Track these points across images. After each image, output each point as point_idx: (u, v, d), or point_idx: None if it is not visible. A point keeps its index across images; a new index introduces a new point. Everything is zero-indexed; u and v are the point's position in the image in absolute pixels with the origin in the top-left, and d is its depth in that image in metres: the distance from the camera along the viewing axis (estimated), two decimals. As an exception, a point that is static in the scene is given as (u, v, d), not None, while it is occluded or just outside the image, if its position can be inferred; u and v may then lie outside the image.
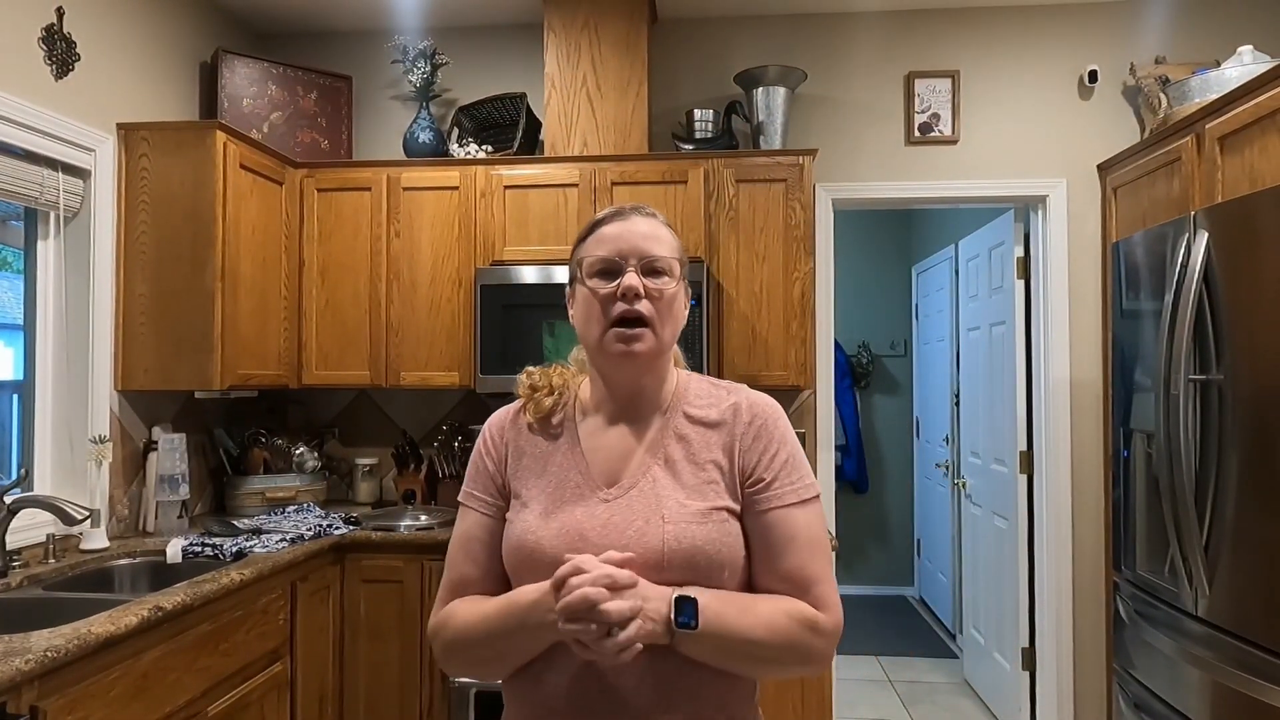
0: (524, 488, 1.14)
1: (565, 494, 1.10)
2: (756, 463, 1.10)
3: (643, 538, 1.04)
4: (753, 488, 1.09)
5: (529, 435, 1.18)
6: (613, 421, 1.15)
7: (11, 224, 2.58)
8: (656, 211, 1.18)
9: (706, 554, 1.04)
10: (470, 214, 3.07)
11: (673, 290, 1.11)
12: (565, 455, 1.14)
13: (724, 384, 1.19)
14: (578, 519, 1.07)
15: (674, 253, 1.13)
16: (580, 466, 1.12)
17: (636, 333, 1.07)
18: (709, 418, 1.14)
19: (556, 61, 3.12)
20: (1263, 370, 1.86)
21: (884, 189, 3.31)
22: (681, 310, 1.15)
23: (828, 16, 3.36)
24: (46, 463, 2.55)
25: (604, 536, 1.05)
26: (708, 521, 1.05)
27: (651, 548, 1.03)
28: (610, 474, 1.11)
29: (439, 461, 3.27)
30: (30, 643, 1.57)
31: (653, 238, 1.11)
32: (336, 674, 2.77)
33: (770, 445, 1.11)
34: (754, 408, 1.14)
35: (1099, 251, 3.22)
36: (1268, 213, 1.86)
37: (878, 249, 5.73)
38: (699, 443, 1.12)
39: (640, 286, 1.08)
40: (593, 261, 1.11)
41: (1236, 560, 1.94)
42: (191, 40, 3.12)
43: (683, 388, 1.17)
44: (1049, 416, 3.25)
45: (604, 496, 1.09)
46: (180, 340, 2.68)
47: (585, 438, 1.15)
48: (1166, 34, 3.22)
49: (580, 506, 1.09)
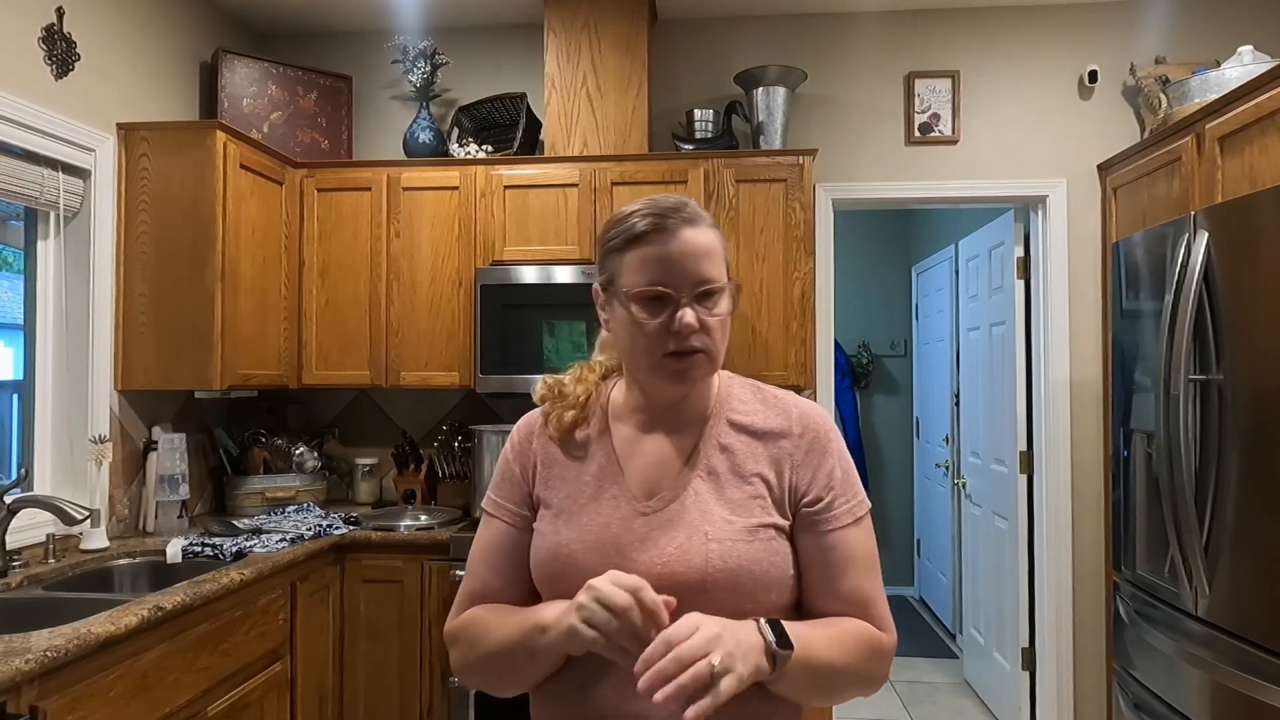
0: (554, 497, 1.07)
1: (600, 505, 1.03)
2: (811, 480, 1.02)
3: (684, 555, 0.97)
4: (810, 508, 1.02)
5: (561, 446, 1.10)
6: (649, 429, 1.07)
7: (11, 224, 2.58)
8: (699, 209, 1.04)
9: (753, 574, 0.96)
10: (470, 214, 3.07)
11: (727, 310, 1.01)
12: (600, 464, 1.06)
13: (768, 389, 1.11)
14: (614, 532, 1.00)
15: (723, 262, 1.02)
16: (615, 476, 1.05)
17: (692, 360, 0.99)
18: (754, 426, 1.06)
19: (556, 61, 3.12)
20: (1263, 370, 1.86)
21: (884, 189, 3.31)
22: (728, 326, 1.04)
23: (828, 16, 3.36)
24: (46, 463, 2.55)
25: (642, 551, 0.98)
26: (754, 539, 0.98)
27: (694, 566, 0.96)
28: (648, 485, 1.03)
29: (439, 461, 3.27)
30: (30, 643, 1.57)
31: (704, 254, 0.99)
32: (336, 674, 2.77)
33: (825, 461, 1.03)
34: (805, 419, 1.06)
35: (1099, 251, 3.22)
36: (1268, 213, 1.86)
37: (878, 249, 5.73)
38: (744, 454, 1.04)
39: (696, 321, 0.97)
40: (639, 291, 0.99)
41: (1236, 560, 1.94)
42: (191, 40, 3.12)
43: (725, 392, 1.09)
44: (1049, 416, 3.25)
45: (641, 509, 1.02)
46: (180, 340, 2.68)
47: (620, 445, 1.07)
48: (1166, 34, 3.22)
49: (616, 519, 1.01)
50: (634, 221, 1.01)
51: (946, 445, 4.72)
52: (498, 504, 1.11)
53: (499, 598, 1.07)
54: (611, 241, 1.04)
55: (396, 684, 2.77)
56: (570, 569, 0.99)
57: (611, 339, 1.09)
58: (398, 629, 2.78)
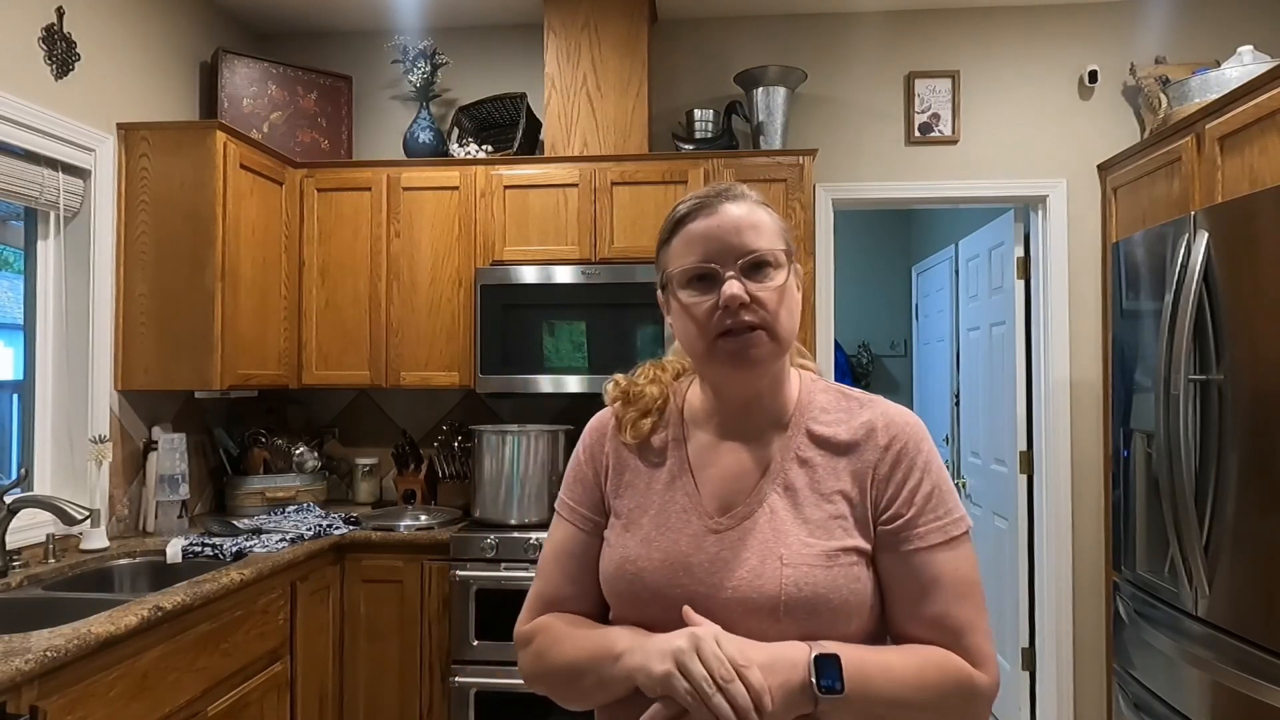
0: (624, 506, 1.01)
1: (670, 519, 0.97)
2: (895, 496, 0.94)
3: (757, 579, 0.91)
4: (889, 524, 0.93)
5: (631, 452, 1.04)
6: (725, 436, 1.00)
7: (11, 224, 2.58)
8: (747, 190, 1.00)
9: (831, 603, 0.90)
10: (470, 214, 3.07)
11: (782, 282, 0.94)
12: (672, 474, 1.01)
13: (856, 394, 1.02)
14: (683, 550, 0.95)
15: (777, 238, 0.96)
16: (688, 489, 0.99)
17: (749, 338, 0.92)
18: (838, 437, 0.97)
19: (556, 61, 3.12)
20: (1263, 370, 1.86)
21: (884, 189, 3.31)
22: (796, 302, 0.97)
23: (828, 16, 3.36)
24: (46, 463, 2.55)
25: (712, 574, 0.92)
26: (833, 565, 0.91)
27: (766, 593, 0.90)
28: (722, 499, 0.97)
29: (439, 461, 3.27)
30: (30, 643, 1.57)
31: (749, 226, 0.94)
32: (336, 674, 2.77)
33: (912, 475, 0.94)
34: (892, 428, 0.97)
35: (1099, 251, 3.22)
36: (1268, 213, 1.86)
37: (878, 249, 5.73)
38: (825, 468, 0.96)
39: (744, 294, 0.91)
40: (684, 271, 0.95)
41: (1236, 560, 1.94)
42: (191, 40, 3.12)
43: (807, 398, 1.01)
44: (1049, 416, 3.25)
45: (713, 526, 0.95)
46: (180, 340, 2.68)
47: (694, 455, 1.01)
48: (1166, 34, 3.22)
49: (686, 535, 0.96)
50: (677, 209, 0.99)
51: (946, 445, 4.72)
52: (570, 507, 1.06)
53: (571, 605, 1.03)
54: (661, 236, 1.01)
55: (396, 684, 2.77)
56: (637, 587, 0.95)
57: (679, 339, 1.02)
58: (398, 629, 2.78)
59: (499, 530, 2.78)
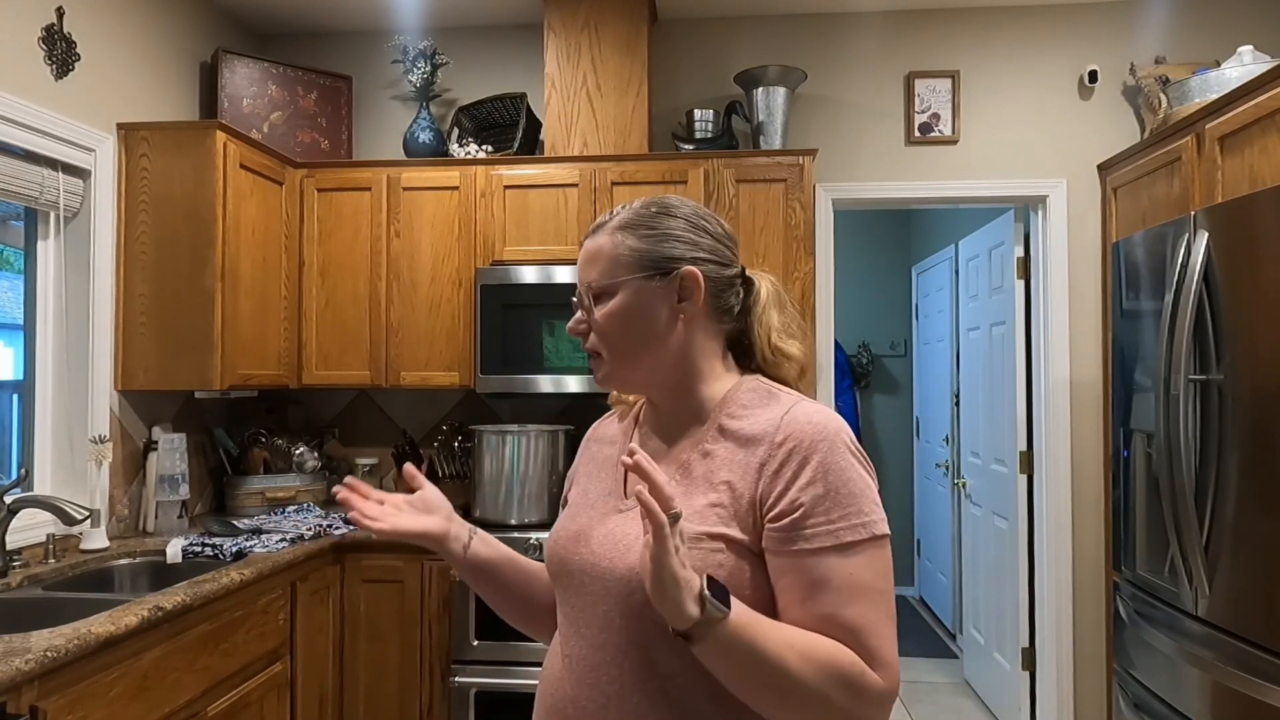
0: (575, 492, 1.13)
1: (592, 500, 1.07)
2: (782, 493, 0.91)
3: (621, 552, 0.95)
4: (774, 522, 0.91)
5: (598, 445, 1.16)
6: (656, 430, 1.08)
7: (11, 224, 2.58)
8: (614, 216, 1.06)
9: None
10: (470, 214, 3.07)
11: (607, 310, 1.00)
12: (611, 463, 1.10)
13: (781, 393, 1.02)
14: (589, 524, 1.03)
15: (610, 267, 1.01)
16: (616, 475, 1.07)
17: (593, 362, 1.04)
18: (742, 430, 0.98)
19: (556, 61, 3.12)
20: (1263, 370, 1.86)
21: (884, 189, 3.31)
22: (634, 324, 1.00)
23: (828, 16, 3.36)
24: (46, 463, 2.55)
25: (603, 545, 0.98)
26: (694, 547, 0.90)
27: (626, 563, 0.94)
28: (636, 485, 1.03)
29: (439, 461, 3.27)
30: (30, 643, 1.57)
31: (589, 262, 1.04)
32: (336, 674, 2.77)
33: (802, 474, 0.90)
34: (791, 425, 0.94)
35: (1099, 251, 3.22)
36: (1268, 213, 1.86)
37: (878, 249, 5.73)
38: (723, 459, 0.97)
39: (576, 325, 1.04)
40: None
41: (1236, 560, 1.94)
42: (191, 40, 3.12)
43: (731, 396, 1.02)
44: (1049, 416, 3.25)
45: (621, 507, 1.02)
46: (180, 340, 2.68)
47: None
48: (1166, 34, 3.22)
49: (598, 513, 1.04)
50: None
51: (946, 445, 4.72)
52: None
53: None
54: None
55: (396, 684, 2.77)
56: (552, 557, 1.05)
57: None
58: (398, 629, 2.78)
59: (499, 530, 2.78)
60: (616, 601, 0.94)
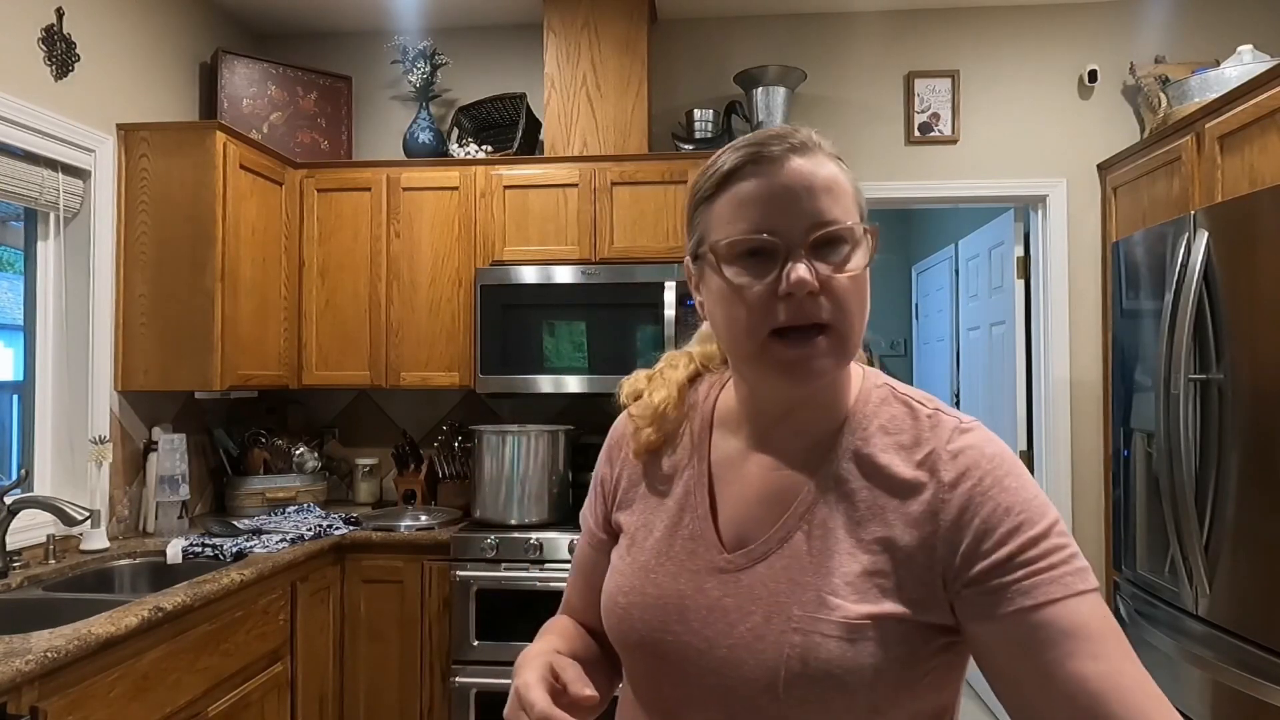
0: (632, 523, 0.84)
1: (674, 546, 0.79)
2: (975, 546, 0.68)
3: (758, 641, 0.70)
4: (976, 586, 0.67)
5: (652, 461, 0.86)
6: (758, 446, 0.79)
7: (11, 224, 2.58)
8: (814, 137, 0.74)
9: (847, 689, 0.67)
10: (470, 214, 3.07)
11: (861, 268, 0.72)
12: (687, 490, 0.81)
13: (927, 407, 0.76)
14: (681, 589, 0.76)
15: (854, 206, 0.74)
16: (702, 511, 0.79)
17: (814, 345, 0.70)
18: (893, 469, 0.73)
19: (556, 61, 3.12)
20: (1263, 370, 1.86)
21: (884, 189, 3.31)
22: (868, 294, 0.74)
23: (828, 16, 3.36)
24: (46, 463, 2.55)
25: (708, 624, 0.73)
26: (859, 638, 0.68)
27: (766, 661, 0.69)
28: (740, 529, 0.77)
29: (439, 461, 3.27)
30: (30, 643, 1.57)
31: (824, 189, 0.71)
32: (336, 674, 2.77)
33: (994, 515, 0.68)
34: (961, 458, 0.71)
35: (1099, 251, 3.22)
36: (1268, 213, 1.86)
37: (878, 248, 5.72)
38: (870, 506, 0.72)
39: (814, 279, 0.69)
40: (733, 243, 0.72)
41: (1236, 560, 1.94)
42: (191, 40, 3.12)
43: (862, 406, 0.77)
44: (1049, 416, 3.25)
45: (722, 564, 0.75)
46: (180, 341, 2.68)
47: (718, 467, 0.81)
48: (1166, 34, 3.22)
49: (688, 570, 0.77)
50: (724, 159, 0.75)
51: (946, 445, 4.71)
52: (584, 517, 0.94)
53: (579, 616, 0.93)
54: (699, 192, 0.77)
55: (397, 684, 2.77)
56: (625, 628, 0.78)
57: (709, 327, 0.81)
58: (398, 629, 2.78)
59: (499, 530, 2.78)
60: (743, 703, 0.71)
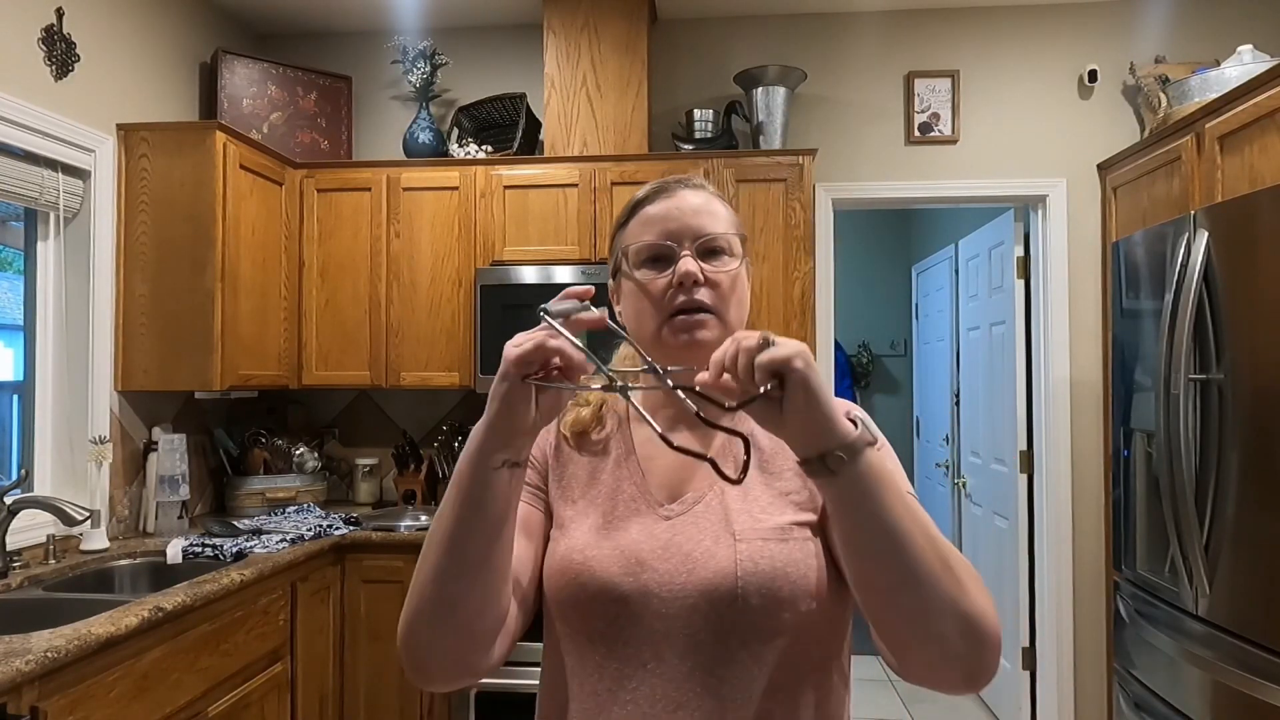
0: (567, 507, 0.97)
1: (618, 510, 0.94)
2: None
3: (711, 560, 0.87)
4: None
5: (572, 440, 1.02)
6: (673, 426, 0.98)
7: (11, 224, 2.58)
8: (705, 182, 1.01)
9: (790, 579, 0.85)
10: (470, 214, 3.07)
11: (734, 270, 0.94)
12: (617, 466, 0.98)
13: None
14: (634, 539, 0.91)
15: (732, 227, 0.97)
16: (635, 479, 0.96)
17: (699, 319, 0.91)
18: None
19: (556, 61, 3.12)
20: (1263, 370, 1.86)
21: (884, 189, 3.31)
22: (746, 294, 0.97)
23: (828, 16, 3.36)
24: (47, 463, 2.55)
25: (665, 560, 0.88)
26: (788, 539, 0.87)
27: (722, 572, 0.86)
28: (671, 487, 0.95)
29: (439, 461, 3.27)
30: (30, 643, 1.57)
31: (706, 212, 0.95)
32: (336, 674, 2.77)
33: None
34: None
35: (1099, 251, 3.22)
36: (1268, 212, 1.86)
37: (878, 249, 5.73)
38: (773, 447, 0.94)
39: (699, 272, 0.91)
40: (639, 249, 0.95)
41: (1236, 560, 1.94)
42: (191, 40, 3.12)
43: None
44: (1049, 416, 3.25)
45: (664, 513, 0.92)
46: (180, 341, 2.68)
47: (641, 445, 0.99)
48: (1166, 34, 3.22)
49: (636, 524, 0.92)
50: (636, 194, 1.00)
51: (946, 445, 4.72)
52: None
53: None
54: (618, 221, 1.02)
55: (397, 684, 2.77)
56: (586, 579, 0.89)
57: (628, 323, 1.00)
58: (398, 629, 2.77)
59: (499, 530, 2.77)
60: (705, 619, 0.86)
